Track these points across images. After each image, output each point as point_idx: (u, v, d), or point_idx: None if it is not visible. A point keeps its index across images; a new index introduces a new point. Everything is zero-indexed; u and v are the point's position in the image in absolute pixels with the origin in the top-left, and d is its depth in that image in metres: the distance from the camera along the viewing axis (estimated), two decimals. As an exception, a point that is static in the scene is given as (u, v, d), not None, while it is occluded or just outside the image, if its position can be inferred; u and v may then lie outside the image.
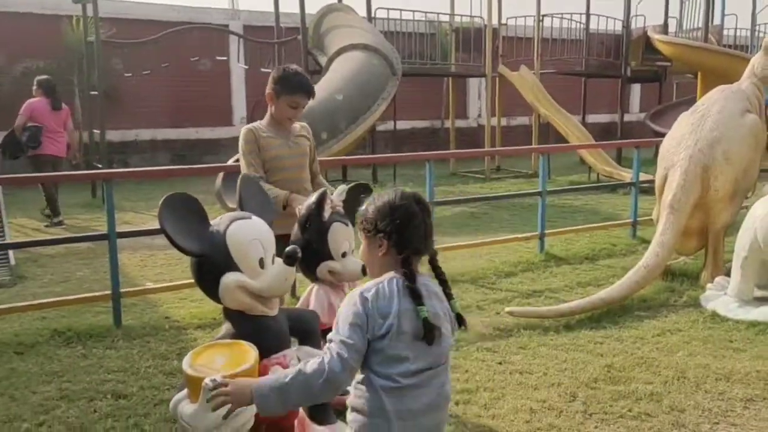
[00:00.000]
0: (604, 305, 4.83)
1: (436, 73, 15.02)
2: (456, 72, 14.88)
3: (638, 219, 7.35)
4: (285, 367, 2.53)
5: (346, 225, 3.11)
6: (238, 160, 3.65)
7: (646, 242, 6.39)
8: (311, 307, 3.05)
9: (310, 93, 3.59)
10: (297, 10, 11.51)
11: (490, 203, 9.67)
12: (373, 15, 12.94)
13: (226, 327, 2.56)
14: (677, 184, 5.38)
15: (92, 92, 10.46)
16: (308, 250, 3.04)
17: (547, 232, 6.76)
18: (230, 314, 2.55)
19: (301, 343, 2.74)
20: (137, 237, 5.84)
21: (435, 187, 6.15)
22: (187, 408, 2.30)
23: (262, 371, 2.47)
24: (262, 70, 11.75)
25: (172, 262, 6.49)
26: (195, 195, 2.55)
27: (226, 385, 2.13)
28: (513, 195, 8.97)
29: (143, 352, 4.21)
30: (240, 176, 2.82)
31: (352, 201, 3.24)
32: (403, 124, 15.48)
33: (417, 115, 17.06)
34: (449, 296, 2.01)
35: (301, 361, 2.66)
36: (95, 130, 10.81)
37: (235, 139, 3.72)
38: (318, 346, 2.78)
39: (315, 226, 3.02)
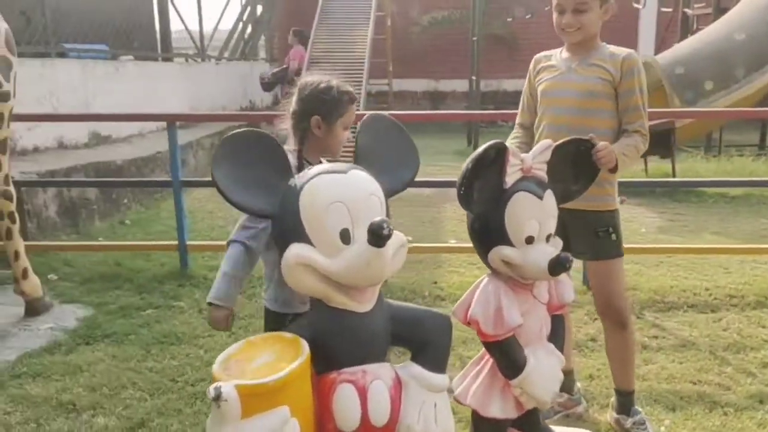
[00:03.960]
0: None
1: None
2: None
3: None
4: (360, 388, 1.77)
5: (540, 198, 2.08)
6: None
7: None
8: (473, 304, 2.14)
9: None
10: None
11: None
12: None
13: (305, 315, 1.92)
14: None
15: (473, 38, 10.35)
16: (481, 226, 2.15)
17: None
18: (312, 300, 1.89)
19: (414, 358, 1.91)
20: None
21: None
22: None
23: (326, 387, 1.78)
24: (662, 10, 10.05)
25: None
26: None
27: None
28: None
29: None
30: (365, 116, 2.06)
31: (563, 163, 2.17)
32: None
33: None
34: None
35: (403, 383, 1.88)
36: (473, 77, 10.74)
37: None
38: (439, 366, 1.91)
39: (490, 193, 2.07)
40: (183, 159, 7.67)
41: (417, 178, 2.09)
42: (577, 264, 4.04)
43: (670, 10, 10.97)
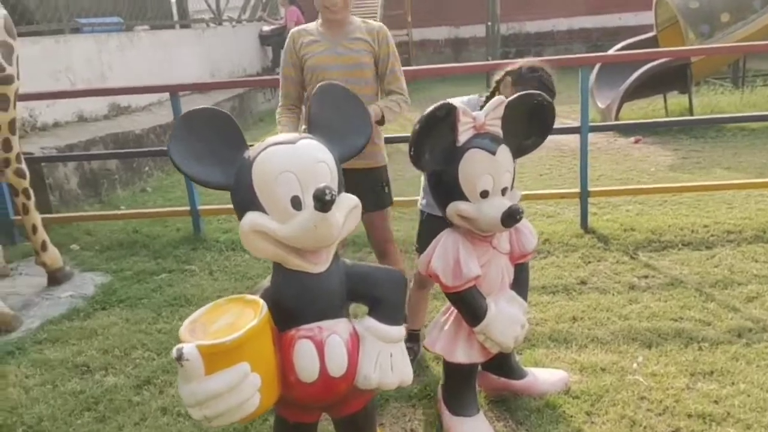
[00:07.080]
0: None
1: None
2: None
3: None
4: (317, 342, 1.90)
5: (492, 154, 2.14)
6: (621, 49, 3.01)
7: None
8: (433, 258, 2.24)
9: None
10: None
11: None
12: None
13: (268, 279, 2.05)
14: None
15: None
16: (436, 183, 2.24)
17: None
18: (274, 263, 2.02)
19: (370, 312, 2.03)
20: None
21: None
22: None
23: (287, 343, 1.92)
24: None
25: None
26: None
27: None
28: None
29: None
30: (317, 85, 2.13)
31: (516, 119, 2.21)
32: None
33: None
34: None
35: (360, 336, 2.00)
36: (488, 23, 10.54)
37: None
38: (394, 319, 2.02)
39: (442, 152, 2.15)
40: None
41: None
42: (575, 210, 4.09)
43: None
